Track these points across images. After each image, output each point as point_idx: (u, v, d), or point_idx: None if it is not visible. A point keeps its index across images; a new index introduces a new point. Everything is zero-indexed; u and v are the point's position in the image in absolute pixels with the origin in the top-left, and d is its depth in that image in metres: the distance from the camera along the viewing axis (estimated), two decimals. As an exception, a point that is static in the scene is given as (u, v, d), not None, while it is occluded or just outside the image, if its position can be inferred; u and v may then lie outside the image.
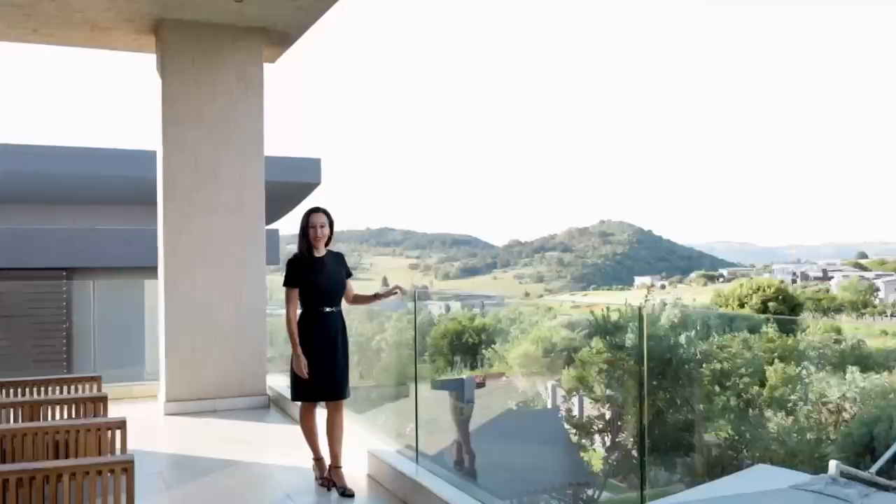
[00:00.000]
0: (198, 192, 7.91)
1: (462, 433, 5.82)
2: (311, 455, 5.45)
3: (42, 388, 5.19)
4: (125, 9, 7.44)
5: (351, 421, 6.74)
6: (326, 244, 5.39)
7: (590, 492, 12.23)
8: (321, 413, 5.42)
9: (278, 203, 19.32)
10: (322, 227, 5.30)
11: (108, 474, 3.23)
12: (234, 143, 8.07)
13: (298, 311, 5.30)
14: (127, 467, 3.25)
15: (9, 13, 7.50)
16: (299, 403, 5.43)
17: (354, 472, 5.65)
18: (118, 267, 13.30)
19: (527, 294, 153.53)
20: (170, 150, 7.85)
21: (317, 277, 5.24)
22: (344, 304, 5.48)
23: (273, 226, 18.98)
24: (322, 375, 5.21)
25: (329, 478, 5.30)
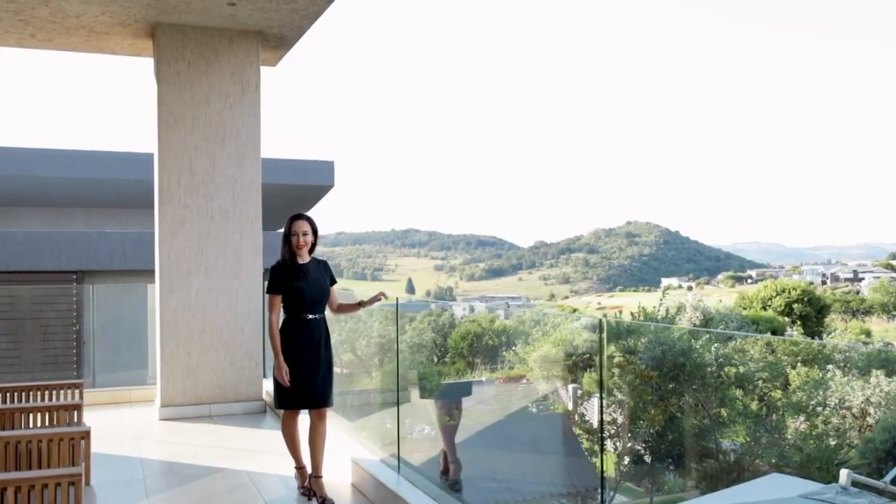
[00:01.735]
0: (193, 196, 7.87)
1: (447, 441, 5.70)
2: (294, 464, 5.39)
3: (22, 395, 5.15)
4: (119, 13, 7.42)
5: (354, 427, 6.67)
6: (311, 251, 5.35)
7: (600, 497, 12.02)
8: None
9: (291, 206, 19.33)
10: (305, 234, 5.25)
11: (56, 487, 3.17)
12: (230, 146, 8.02)
13: (281, 318, 5.26)
14: (74, 480, 3.19)
15: (7, 19, 7.51)
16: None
17: (339, 481, 5.57)
18: (127, 270, 13.37)
19: (552, 296, 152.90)
20: (164, 154, 7.83)
21: (300, 284, 5.17)
22: (329, 314, 5.43)
23: (283, 230, 18.88)
24: (304, 383, 5.14)
25: (310, 487, 5.23)
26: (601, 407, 3.85)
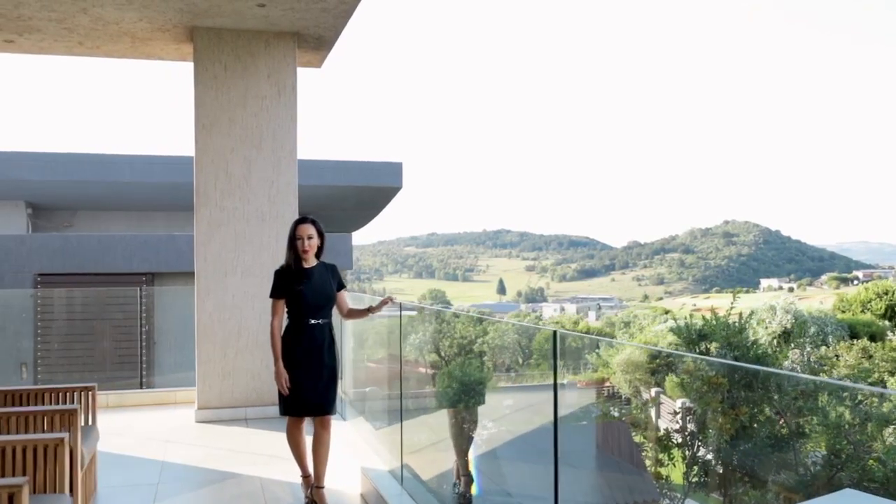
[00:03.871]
0: (229, 198, 7.88)
1: (459, 453, 5.47)
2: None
3: (30, 398, 5.19)
4: (156, 19, 7.49)
5: (375, 435, 6.50)
6: (318, 255, 5.21)
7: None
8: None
9: (362, 207, 19.38)
10: (310, 238, 5.11)
11: (-3, 498, 3.11)
12: (266, 149, 8.00)
13: (285, 323, 5.14)
14: (13, 492, 3.12)
15: (52, 28, 7.70)
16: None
17: (350, 491, 5.42)
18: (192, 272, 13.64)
19: (645, 297, 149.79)
20: (201, 158, 7.86)
21: (302, 289, 5.04)
22: (337, 318, 5.29)
23: (350, 233, 19.01)
24: (306, 390, 5.01)
25: (311, 497, 5.09)
26: (556, 417, 3.57)
